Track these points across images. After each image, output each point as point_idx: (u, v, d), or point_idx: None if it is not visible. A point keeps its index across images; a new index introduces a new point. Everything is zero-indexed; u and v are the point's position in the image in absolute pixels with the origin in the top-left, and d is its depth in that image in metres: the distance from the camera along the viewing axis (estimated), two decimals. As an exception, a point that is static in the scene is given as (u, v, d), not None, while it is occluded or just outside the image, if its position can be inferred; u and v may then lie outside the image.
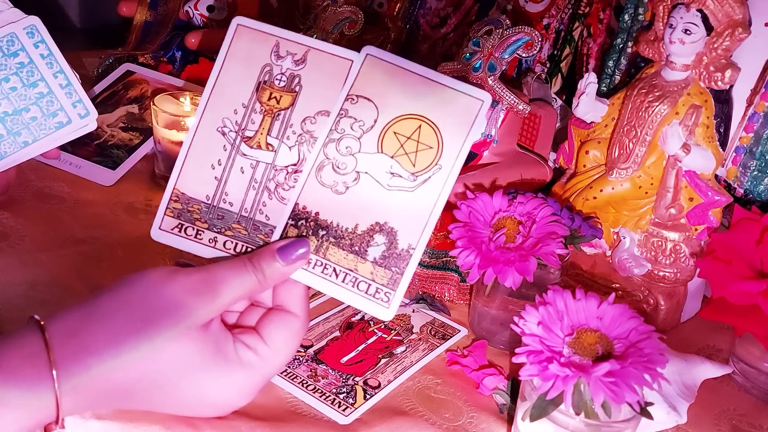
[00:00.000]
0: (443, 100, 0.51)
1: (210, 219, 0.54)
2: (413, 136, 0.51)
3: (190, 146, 0.54)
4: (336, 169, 0.52)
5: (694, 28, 0.68)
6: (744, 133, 0.78)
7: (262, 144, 0.54)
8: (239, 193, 0.54)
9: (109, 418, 0.53)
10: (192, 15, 1.11)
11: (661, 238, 0.73)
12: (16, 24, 0.73)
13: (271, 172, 0.53)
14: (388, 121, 0.51)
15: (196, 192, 0.54)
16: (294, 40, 0.54)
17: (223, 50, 0.54)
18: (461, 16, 1.09)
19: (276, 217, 0.53)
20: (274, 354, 0.51)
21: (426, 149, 0.50)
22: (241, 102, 0.54)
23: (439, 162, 0.50)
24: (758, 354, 0.66)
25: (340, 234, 0.51)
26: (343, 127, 0.52)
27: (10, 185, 0.80)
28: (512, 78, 0.92)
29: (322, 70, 0.53)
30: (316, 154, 0.52)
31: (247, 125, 0.54)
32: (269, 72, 0.54)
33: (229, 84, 0.54)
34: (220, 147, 0.54)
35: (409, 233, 0.49)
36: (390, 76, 0.52)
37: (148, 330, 0.47)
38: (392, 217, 0.50)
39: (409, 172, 0.50)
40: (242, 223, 0.53)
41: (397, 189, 0.50)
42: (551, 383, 0.49)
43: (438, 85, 0.51)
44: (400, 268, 0.49)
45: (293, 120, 0.53)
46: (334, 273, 0.51)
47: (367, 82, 0.52)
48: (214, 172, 0.54)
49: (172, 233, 0.54)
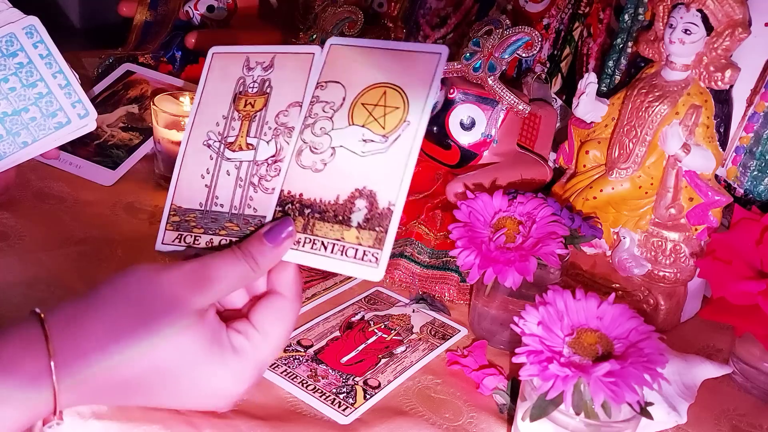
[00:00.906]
0: (402, 63, 0.53)
1: (205, 224, 0.57)
2: (380, 102, 0.53)
3: (182, 163, 0.59)
4: (313, 150, 0.54)
5: (694, 28, 0.68)
6: (744, 133, 0.78)
7: (243, 145, 0.57)
8: (228, 193, 0.57)
9: (109, 418, 0.53)
10: (192, 15, 1.11)
11: (661, 238, 0.73)
12: (15, 24, 0.73)
13: (253, 168, 0.56)
14: (355, 96, 0.54)
15: (190, 202, 0.58)
16: (261, 51, 0.59)
17: (203, 76, 0.60)
18: (461, 16, 1.09)
19: (263, 207, 0.55)
20: (265, 337, 0.51)
21: (393, 110, 0.53)
22: (222, 114, 0.59)
23: (407, 119, 0.52)
24: (758, 354, 0.66)
25: (323, 208, 0.53)
26: (316, 111, 0.55)
27: (10, 185, 0.81)
28: (512, 78, 0.92)
29: (287, 69, 0.57)
30: (294, 142, 0.55)
31: (228, 133, 0.58)
32: (243, 83, 0.58)
33: (210, 102, 0.59)
34: (207, 158, 0.58)
35: (387, 192, 0.51)
36: (353, 56, 0.55)
37: (147, 323, 0.47)
38: (369, 181, 0.52)
39: (380, 135, 0.53)
40: (234, 221, 0.55)
41: (371, 153, 0.53)
42: (551, 383, 0.49)
43: (396, 52, 0.54)
44: (383, 226, 0.50)
45: (267, 118, 0.57)
46: (323, 246, 0.52)
47: (333, 68, 0.56)
48: (204, 181, 0.58)
49: (173, 245, 0.57)
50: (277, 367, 0.63)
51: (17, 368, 0.44)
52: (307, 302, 0.72)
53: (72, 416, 0.52)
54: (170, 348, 0.47)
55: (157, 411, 0.54)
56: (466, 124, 0.80)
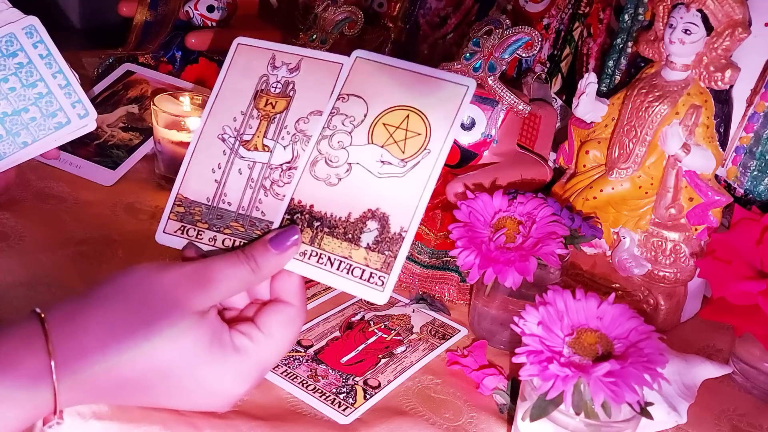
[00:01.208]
0: (429, 89, 0.53)
1: (210, 219, 0.56)
2: (402, 125, 0.53)
3: (193, 153, 0.58)
4: (329, 163, 0.54)
5: (694, 28, 0.68)
6: (744, 133, 0.78)
7: (258, 146, 0.56)
8: (237, 192, 0.56)
9: (110, 418, 0.53)
10: (192, 15, 1.11)
11: (661, 238, 0.73)
12: (14, 24, 0.73)
13: (266, 171, 0.56)
14: (377, 114, 0.54)
15: (197, 195, 0.57)
16: (288, 51, 0.58)
17: (225, 66, 0.59)
18: (461, 16, 1.09)
19: (272, 212, 0.55)
20: (269, 340, 0.51)
21: (414, 136, 0.52)
22: (240, 110, 0.57)
23: (428, 147, 0.52)
24: (758, 354, 0.66)
25: (333, 224, 0.52)
26: (335, 123, 0.54)
27: (10, 185, 0.80)
28: (512, 78, 0.92)
29: (314, 75, 0.57)
30: (310, 151, 0.54)
31: (245, 130, 0.57)
32: (266, 81, 0.57)
33: (230, 95, 0.58)
34: (220, 152, 0.57)
35: (400, 217, 0.51)
36: (378, 74, 0.55)
37: (148, 323, 0.47)
38: (384, 203, 0.52)
39: (398, 158, 0.52)
40: (240, 221, 0.55)
41: (387, 176, 0.52)
42: (551, 383, 0.49)
43: (424, 77, 0.54)
44: (393, 251, 0.50)
45: (288, 122, 0.56)
46: (329, 262, 0.52)
47: (356, 81, 0.55)
48: (214, 176, 0.57)
49: (175, 236, 0.56)
50: (277, 367, 0.63)
51: (17, 367, 0.44)
52: (307, 302, 0.72)
53: (72, 416, 0.52)
54: (170, 348, 0.47)
55: (157, 411, 0.54)
56: (466, 124, 0.80)
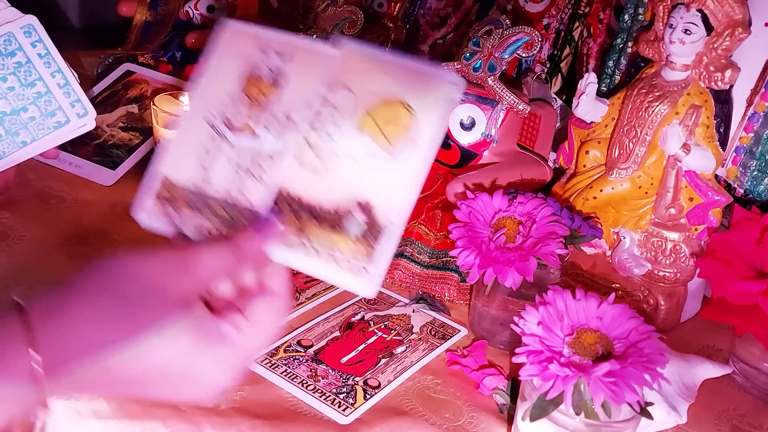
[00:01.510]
0: (419, 83, 0.53)
1: (194, 205, 0.55)
2: (390, 118, 0.53)
3: (178, 133, 0.57)
4: (317, 153, 0.54)
5: (694, 28, 0.68)
6: (744, 133, 0.78)
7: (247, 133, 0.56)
8: (224, 179, 0.56)
9: (109, 418, 0.53)
10: (192, 15, 1.11)
11: (661, 238, 0.73)
12: (13, 23, 0.72)
13: (255, 159, 0.55)
14: (365, 106, 0.54)
15: (182, 178, 0.56)
16: (280, 39, 0.57)
17: (212, 47, 0.58)
18: (461, 16, 1.09)
19: (258, 200, 0.55)
20: (254, 328, 0.51)
21: (403, 129, 0.52)
22: (228, 94, 0.57)
23: (417, 141, 0.52)
24: (758, 354, 0.66)
25: (320, 214, 0.52)
26: (324, 114, 0.54)
27: (10, 185, 0.80)
28: (512, 78, 0.92)
29: (306, 65, 0.56)
30: (299, 141, 0.54)
31: (233, 116, 0.57)
32: (257, 67, 0.57)
33: (218, 78, 0.57)
34: (207, 136, 0.57)
35: (388, 209, 0.51)
36: (368, 66, 0.54)
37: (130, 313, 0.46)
38: (372, 195, 0.52)
39: (386, 151, 0.52)
40: (225, 208, 0.55)
41: (376, 168, 0.52)
42: (551, 383, 0.49)
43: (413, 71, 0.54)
44: (380, 243, 0.50)
45: (277, 110, 0.56)
46: (315, 251, 0.52)
47: (346, 73, 0.55)
48: (201, 161, 0.56)
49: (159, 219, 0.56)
50: (277, 367, 0.63)
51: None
52: (307, 302, 0.72)
53: (72, 416, 0.52)
54: (156, 339, 0.47)
55: (157, 409, 0.54)
56: (466, 124, 0.80)
